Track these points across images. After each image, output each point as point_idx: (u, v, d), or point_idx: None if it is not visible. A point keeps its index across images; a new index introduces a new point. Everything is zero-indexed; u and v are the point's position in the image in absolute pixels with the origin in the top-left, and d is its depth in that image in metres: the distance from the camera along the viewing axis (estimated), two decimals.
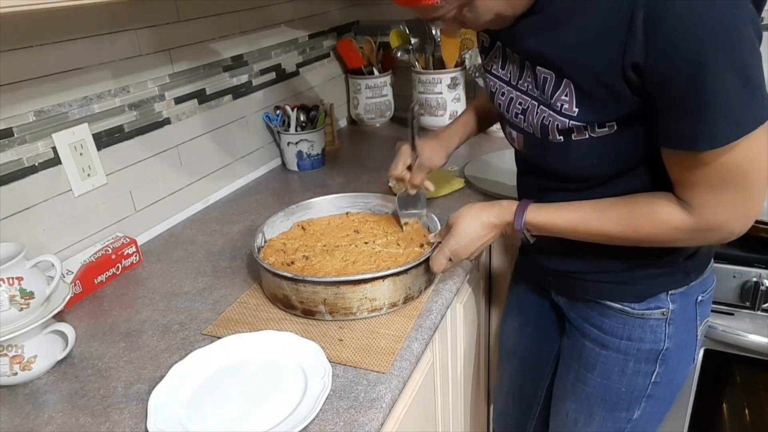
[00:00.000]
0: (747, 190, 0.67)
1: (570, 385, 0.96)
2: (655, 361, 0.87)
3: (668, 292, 0.84)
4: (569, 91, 0.71)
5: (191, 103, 1.30)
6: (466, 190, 1.34)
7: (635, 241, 0.75)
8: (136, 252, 1.11)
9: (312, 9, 1.71)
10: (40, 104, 0.98)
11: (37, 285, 0.81)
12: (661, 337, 0.85)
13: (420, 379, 0.93)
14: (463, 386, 1.24)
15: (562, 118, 0.73)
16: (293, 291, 0.87)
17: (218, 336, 0.87)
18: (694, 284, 0.85)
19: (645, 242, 0.75)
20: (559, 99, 0.72)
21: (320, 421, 0.69)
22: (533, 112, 0.78)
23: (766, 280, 1.08)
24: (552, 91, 0.73)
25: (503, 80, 0.84)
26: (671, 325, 0.85)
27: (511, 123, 0.85)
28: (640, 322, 0.85)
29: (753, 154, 0.65)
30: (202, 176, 1.36)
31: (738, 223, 0.70)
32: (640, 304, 0.84)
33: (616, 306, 0.86)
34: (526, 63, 0.78)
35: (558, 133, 0.74)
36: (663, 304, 0.84)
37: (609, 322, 0.87)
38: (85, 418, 0.73)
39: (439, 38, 1.75)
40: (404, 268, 0.88)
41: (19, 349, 0.79)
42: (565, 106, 0.72)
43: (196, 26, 1.28)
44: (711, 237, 0.72)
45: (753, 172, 0.66)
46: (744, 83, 0.61)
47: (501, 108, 0.85)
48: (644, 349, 0.86)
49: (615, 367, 0.89)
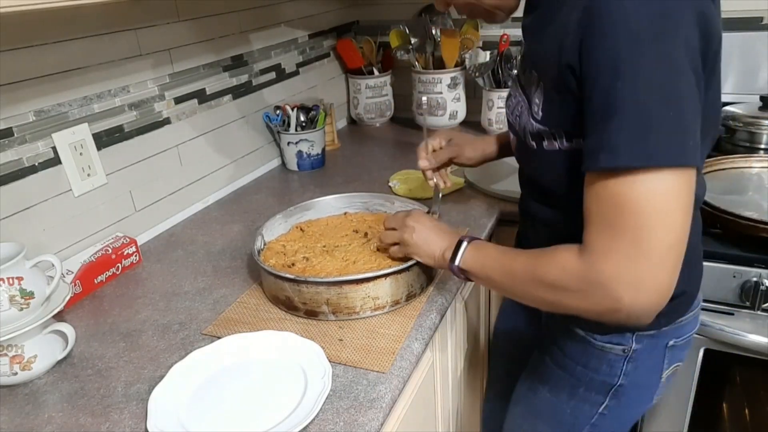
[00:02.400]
0: (640, 244, 0.58)
1: (524, 391, 0.97)
2: (605, 394, 0.85)
3: (634, 332, 0.80)
4: (539, 92, 0.71)
5: (191, 103, 1.30)
6: (466, 190, 1.34)
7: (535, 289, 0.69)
8: (136, 252, 1.11)
9: (312, 9, 1.71)
10: (40, 104, 0.98)
11: (37, 285, 0.80)
12: (616, 372, 0.83)
13: (420, 379, 0.93)
14: (463, 386, 1.24)
15: (532, 120, 0.73)
16: (295, 292, 0.87)
17: (218, 336, 0.87)
18: (666, 329, 0.81)
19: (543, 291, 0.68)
20: (534, 101, 0.72)
21: (320, 421, 0.69)
22: (522, 114, 0.78)
23: (766, 280, 1.08)
24: (533, 91, 0.73)
25: (520, 83, 0.83)
26: (630, 363, 0.82)
27: (511, 125, 0.85)
28: (599, 353, 0.83)
29: (656, 200, 0.57)
30: (202, 176, 1.36)
31: (626, 288, 0.59)
32: (603, 337, 0.81)
33: (580, 333, 0.84)
34: (526, 65, 0.78)
35: (531, 137, 0.74)
36: (625, 341, 0.81)
37: (571, 345, 0.86)
38: (85, 418, 0.73)
39: (439, 38, 1.75)
40: (406, 266, 0.88)
41: (19, 349, 0.79)
42: (535, 108, 0.72)
43: (196, 26, 1.28)
44: (596, 297, 0.62)
45: (652, 223, 0.57)
46: (669, 106, 0.55)
47: (508, 110, 0.86)
48: (597, 379, 0.84)
49: (566, 387, 0.88)
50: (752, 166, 1.33)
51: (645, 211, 0.57)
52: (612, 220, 0.59)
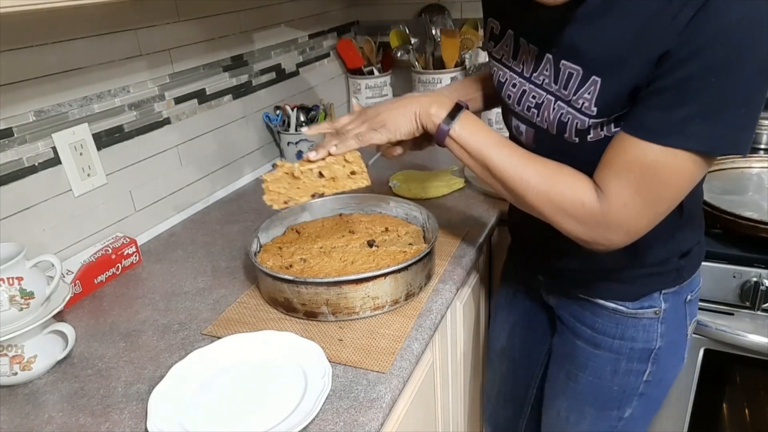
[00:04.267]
0: (654, 206, 0.67)
1: (561, 384, 0.96)
2: (647, 360, 0.87)
3: (661, 291, 0.84)
4: (594, 89, 0.68)
5: (191, 103, 1.30)
6: (466, 190, 1.34)
7: (539, 200, 0.72)
8: (136, 252, 1.11)
9: (312, 9, 1.71)
10: (40, 104, 0.98)
11: (37, 285, 0.80)
12: (653, 336, 0.85)
13: (420, 379, 0.93)
14: (463, 386, 1.24)
15: (582, 116, 0.70)
16: (294, 294, 0.87)
17: (218, 336, 0.87)
18: (685, 284, 0.85)
19: (549, 208, 0.72)
20: (582, 96, 0.70)
21: (320, 421, 0.69)
22: (549, 108, 0.75)
23: (766, 280, 1.08)
24: (576, 87, 0.70)
25: (515, 71, 0.80)
26: (663, 324, 0.85)
27: (520, 116, 0.82)
28: (633, 322, 0.85)
29: (685, 175, 0.64)
30: (202, 176, 1.36)
31: (623, 234, 0.69)
32: (633, 303, 0.84)
33: (609, 305, 0.86)
34: (546, 56, 0.74)
35: (575, 133, 0.72)
36: (656, 303, 0.84)
37: (601, 321, 0.87)
38: (85, 418, 0.73)
39: (439, 38, 1.75)
40: (405, 265, 0.88)
41: (19, 349, 0.79)
42: (585, 104, 0.69)
43: (196, 26, 1.28)
44: (595, 232, 0.70)
45: (671, 193, 0.66)
46: (749, 107, 0.60)
47: (510, 100, 0.82)
48: (637, 348, 0.86)
49: (607, 366, 0.89)
50: (752, 167, 1.33)
51: (672, 184, 0.65)
52: (639, 180, 0.65)
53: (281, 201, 0.84)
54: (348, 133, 0.82)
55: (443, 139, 0.77)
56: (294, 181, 0.84)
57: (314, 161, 0.83)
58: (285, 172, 0.84)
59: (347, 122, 0.85)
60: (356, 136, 0.80)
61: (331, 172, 0.84)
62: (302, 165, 0.83)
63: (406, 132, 0.79)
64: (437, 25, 1.77)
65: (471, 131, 0.76)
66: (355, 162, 0.84)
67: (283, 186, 0.84)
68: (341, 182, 0.84)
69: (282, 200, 0.85)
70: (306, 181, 0.84)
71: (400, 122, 0.78)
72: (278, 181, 0.84)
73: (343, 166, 0.84)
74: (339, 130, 0.85)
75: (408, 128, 0.78)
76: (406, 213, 1.11)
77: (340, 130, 0.84)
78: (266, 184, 0.84)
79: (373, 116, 0.80)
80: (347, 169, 0.84)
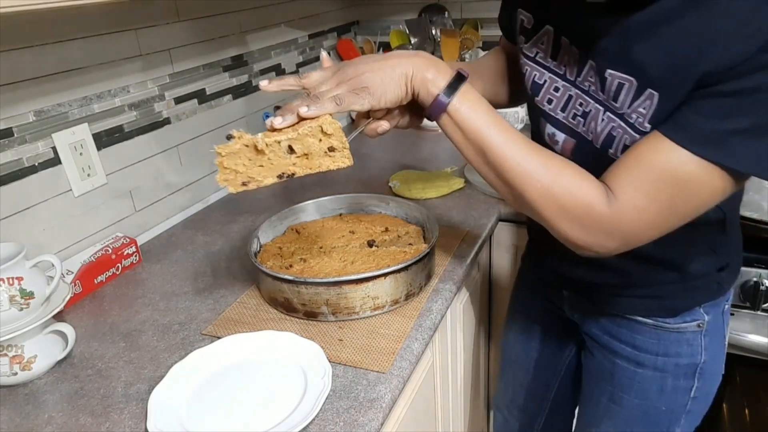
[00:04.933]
0: (668, 217, 0.61)
1: (603, 408, 0.90)
2: (693, 376, 0.82)
3: (701, 304, 0.80)
4: (650, 103, 0.60)
5: (191, 103, 1.30)
6: (466, 190, 1.34)
7: (540, 196, 0.63)
8: (136, 252, 1.11)
9: (312, 9, 1.71)
10: (40, 104, 0.98)
11: (37, 285, 0.81)
12: (698, 350, 0.81)
13: (420, 379, 0.93)
14: (462, 386, 1.24)
15: (633, 132, 0.63)
16: (294, 294, 0.87)
17: (218, 336, 0.87)
18: (724, 295, 0.82)
19: (550, 206, 0.63)
20: (636, 110, 0.62)
21: (320, 421, 0.69)
22: (597, 118, 0.67)
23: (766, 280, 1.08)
24: (630, 100, 0.62)
25: (556, 73, 0.72)
26: (706, 337, 0.81)
27: (561, 124, 0.73)
28: (676, 336, 0.80)
29: (709, 191, 0.58)
30: (202, 176, 1.36)
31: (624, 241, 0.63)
32: (676, 319, 0.79)
33: (649, 322, 0.80)
34: (589, 62, 0.66)
35: (622, 149, 0.65)
36: (698, 316, 0.80)
37: (642, 338, 0.82)
38: (85, 418, 0.73)
39: (439, 38, 1.75)
40: (405, 265, 0.88)
41: (19, 349, 0.79)
42: (639, 120, 0.62)
43: (196, 26, 1.28)
44: (595, 237, 0.63)
45: (690, 207, 0.60)
46: None
47: (552, 105, 0.73)
48: (682, 363, 0.81)
49: (653, 385, 0.83)
50: None
51: (695, 198, 0.59)
52: (659, 187, 0.59)
53: (238, 182, 0.68)
54: (322, 96, 0.65)
55: (439, 113, 0.64)
56: (257, 157, 0.67)
57: (281, 129, 0.66)
58: (245, 144, 0.66)
59: (319, 79, 0.68)
60: (333, 99, 0.64)
61: (304, 147, 0.67)
62: (267, 136, 0.66)
63: (393, 98, 0.64)
64: (437, 25, 1.77)
65: (472, 107, 0.64)
66: (336, 135, 0.66)
67: (242, 163, 0.67)
68: (316, 160, 0.68)
69: (239, 181, 0.68)
70: (272, 157, 0.67)
71: (388, 86, 0.63)
72: (235, 155, 0.67)
73: (319, 141, 0.67)
74: (310, 89, 0.68)
75: (396, 94, 0.64)
76: (406, 213, 1.10)
77: (312, 90, 0.67)
78: (220, 160, 0.67)
79: (353, 75, 0.64)
80: (324, 144, 0.67)
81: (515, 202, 0.68)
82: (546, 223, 0.66)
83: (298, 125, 0.66)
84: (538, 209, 0.65)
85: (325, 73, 0.68)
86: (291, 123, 0.65)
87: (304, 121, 0.65)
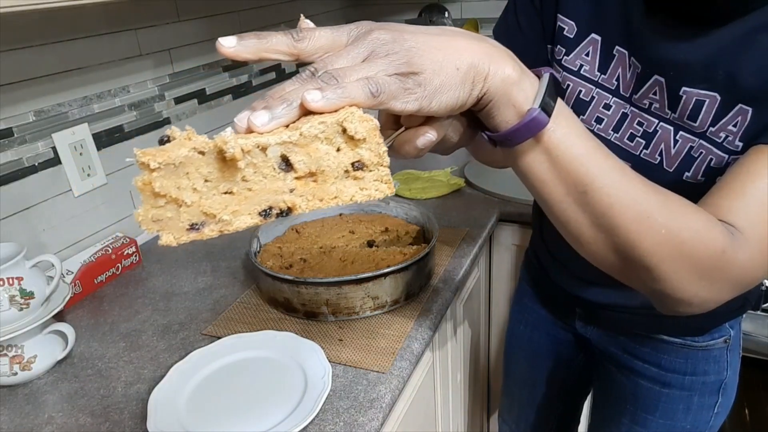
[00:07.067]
0: None
1: (626, 430, 0.87)
2: (717, 392, 0.80)
3: (729, 319, 0.77)
4: (741, 120, 0.54)
5: (191, 103, 1.30)
6: (466, 190, 1.34)
7: (661, 244, 0.45)
8: (136, 252, 1.11)
9: (312, 9, 1.71)
10: (40, 104, 0.98)
11: (37, 285, 0.81)
12: (723, 366, 0.79)
13: (420, 379, 0.93)
14: (462, 386, 1.24)
15: (721, 152, 0.56)
16: (294, 294, 0.87)
17: (218, 336, 0.87)
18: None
19: (671, 255, 0.46)
20: (724, 129, 0.55)
21: (320, 421, 0.69)
22: (668, 139, 0.60)
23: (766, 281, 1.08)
24: (713, 117, 0.56)
25: (605, 88, 0.64)
26: (730, 352, 0.79)
27: (613, 146, 0.64)
28: (704, 354, 0.78)
29: None
30: None
31: (736, 291, 0.50)
32: (703, 337, 0.77)
33: (677, 341, 0.77)
34: (655, 77, 0.59)
35: (703, 171, 0.58)
36: (725, 332, 0.77)
37: (668, 358, 0.79)
38: (85, 418, 0.73)
39: None
40: (405, 265, 0.88)
41: (19, 349, 0.79)
42: (729, 138, 0.55)
43: (196, 26, 1.28)
44: (709, 291, 0.48)
45: None
46: None
47: (602, 125, 0.65)
48: (709, 381, 0.79)
49: (679, 404, 0.81)
50: None
51: None
52: None
53: (181, 223, 0.37)
54: (344, 75, 0.35)
55: (525, 138, 0.41)
56: (222, 176, 0.36)
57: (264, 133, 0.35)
58: (197, 149, 0.34)
59: (330, 44, 0.38)
60: (365, 82, 0.35)
61: (312, 160, 0.36)
62: (243, 138, 0.35)
63: (450, 101, 0.37)
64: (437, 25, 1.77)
65: (570, 126, 0.42)
66: (369, 142, 0.36)
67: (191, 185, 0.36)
68: (332, 185, 0.38)
69: (184, 220, 0.37)
70: (250, 176, 0.36)
71: (448, 79, 0.37)
72: (177, 170, 0.35)
73: (337, 150, 0.36)
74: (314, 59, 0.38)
75: (456, 95, 0.37)
76: (406, 213, 1.10)
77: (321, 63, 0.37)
78: (144, 179, 0.36)
79: (394, 48, 0.36)
80: (346, 157, 0.37)
81: (614, 253, 0.47)
82: (656, 281, 0.48)
83: (297, 122, 0.36)
84: (655, 263, 0.46)
85: (338, 35, 0.38)
86: (285, 120, 0.35)
87: (310, 116, 0.35)
